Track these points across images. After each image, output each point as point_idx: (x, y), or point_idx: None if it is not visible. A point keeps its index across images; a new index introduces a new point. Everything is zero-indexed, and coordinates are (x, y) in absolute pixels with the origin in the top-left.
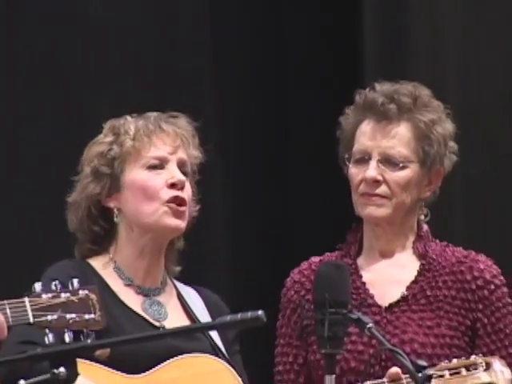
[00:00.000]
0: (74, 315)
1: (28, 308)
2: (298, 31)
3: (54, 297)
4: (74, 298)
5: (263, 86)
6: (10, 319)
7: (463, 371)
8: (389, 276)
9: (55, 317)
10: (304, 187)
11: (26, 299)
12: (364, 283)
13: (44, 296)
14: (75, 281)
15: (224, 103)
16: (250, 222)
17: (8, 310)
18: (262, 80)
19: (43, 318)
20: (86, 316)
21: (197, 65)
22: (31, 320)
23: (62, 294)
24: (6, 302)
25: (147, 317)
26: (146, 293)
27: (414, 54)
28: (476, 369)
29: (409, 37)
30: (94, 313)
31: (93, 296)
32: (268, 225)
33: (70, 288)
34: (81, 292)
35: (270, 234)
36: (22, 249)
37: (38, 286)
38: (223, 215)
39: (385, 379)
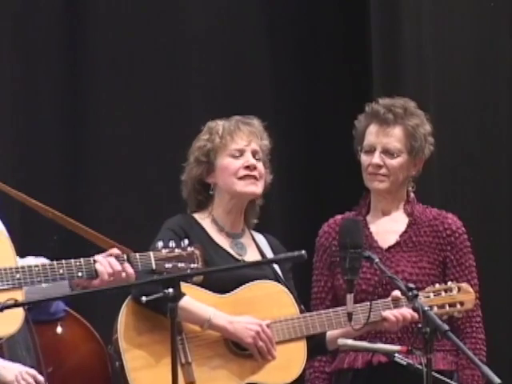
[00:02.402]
0: (183, 264)
1: (152, 259)
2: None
3: (170, 251)
4: (183, 253)
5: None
6: (140, 266)
7: (442, 293)
8: (387, 228)
9: (170, 265)
10: (335, 170)
11: (151, 253)
12: (371, 233)
13: (163, 251)
14: (186, 240)
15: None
16: (298, 194)
17: (138, 260)
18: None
19: (162, 266)
20: (192, 265)
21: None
22: (154, 267)
23: (176, 250)
24: (137, 254)
25: (233, 253)
26: (232, 236)
27: (405, 77)
28: (451, 291)
29: (401, 67)
30: (197, 263)
31: (197, 251)
32: (309, 195)
33: (182, 245)
34: (189, 249)
35: (310, 201)
36: (151, 212)
37: (159, 244)
38: (278, 187)
39: (389, 298)
